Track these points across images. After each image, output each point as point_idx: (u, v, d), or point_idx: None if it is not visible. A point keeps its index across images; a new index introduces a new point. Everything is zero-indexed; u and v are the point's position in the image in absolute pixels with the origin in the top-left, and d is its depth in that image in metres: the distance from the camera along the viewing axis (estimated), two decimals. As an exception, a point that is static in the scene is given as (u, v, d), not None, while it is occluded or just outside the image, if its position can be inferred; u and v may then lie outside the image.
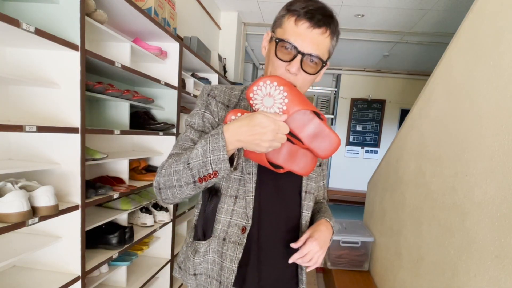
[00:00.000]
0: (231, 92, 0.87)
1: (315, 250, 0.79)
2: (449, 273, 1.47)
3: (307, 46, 0.73)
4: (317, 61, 0.75)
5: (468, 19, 1.58)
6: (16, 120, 1.20)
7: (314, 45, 0.73)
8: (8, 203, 0.98)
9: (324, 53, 0.76)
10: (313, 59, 0.74)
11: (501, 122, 1.22)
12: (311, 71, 0.75)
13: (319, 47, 0.74)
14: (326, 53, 0.77)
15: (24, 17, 1.17)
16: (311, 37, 0.73)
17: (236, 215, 0.82)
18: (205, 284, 0.87)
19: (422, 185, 1.88)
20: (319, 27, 0.72)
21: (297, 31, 0.73)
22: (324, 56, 0.76)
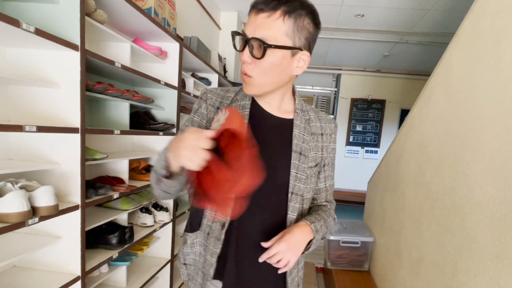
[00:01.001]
0: (224, 94, 0.90)
1: (283, 251, 0.77)
2: (449, 273, 1.47)
3: (253, 31, 0.72)
4: (262, 44, 0.72)
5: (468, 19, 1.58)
6: (16, 120, 1.20)
7: (259, 29, 0.71)
8: (8, 203, 0.98)
9: (275, 36, 0.72)
10: (259, 43, 0.72)
11: (501, 122, 1.22)
12: (258, 55, 0.73)
13: (266, 30, 0.71)
14: (282, 36, 0.72)
15: (24, 17, 1.17)
16: (256, 21, 0.72)
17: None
18: (193, 274, 0.93)
19: (422, 185, 1.88)
20: (265, 11, 0.71)
21: (248, 21, 0.75)
22: (276, 39, 0.72)
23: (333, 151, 0.95)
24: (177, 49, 2.03)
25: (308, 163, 0.87)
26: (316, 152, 0.89)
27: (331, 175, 0.97)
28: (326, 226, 0.89)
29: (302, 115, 0.89)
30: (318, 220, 0.86)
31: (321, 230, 0.86)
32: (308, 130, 0.88)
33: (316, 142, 0.89)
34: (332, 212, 0.97)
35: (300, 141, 0.86)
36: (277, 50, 0.73)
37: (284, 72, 0.78)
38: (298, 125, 0.87)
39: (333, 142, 0.94)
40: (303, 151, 0.86)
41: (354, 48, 4.71)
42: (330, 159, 0.94)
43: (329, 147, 0.93)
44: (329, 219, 0.92)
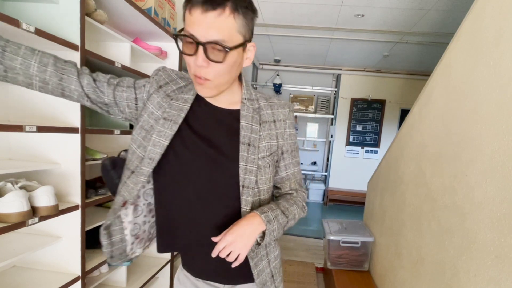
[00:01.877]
0: (175, 79, 0.87)
1: (231, 244, 0.75)
2: (449, 273, 1.47)
3: (205, 33, 0.67)
4: (220, 48, 0.68)
5: (468, 19, 1.58)
6: (16, 120, 1.20)
7: (212, 30, 0.67)
8: (8, 203, 0.98)
9: (229, 35, 0.68)
10: (216, 46, 0.68)
11: (501, 122, 1.22)
12: (219, 59, 0.69)
13: (220, 30, 0.67)
14: (235, 34, 0.69)
15: (24, 17, 1.17)
16: (207, 22, 0.66)
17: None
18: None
19: (422, 185, 1.88)
20: (213, 8, 0.66)
21: (192, 20, 0.68)
22: (231, 39, 0.69)
23: (291, 137, 0.90)
24: (177, 49, 2.03)
25: (260, 154, 0.83)
26: (269, 141, 0.85)
27: (293, 162, 0.92)
28: (286, 215, 0.85)
29: (250, 104, 0.85)
30: (272, 210, 0.82)
31: (278, 219, 0.82)
32: (257, 119, 0.84)
33: (269, 130, 0.85)
34: (299, 200, 0.92)
35: (248, 131, 0.82)
36: (234, 50, 0.70)
37: (238, 68, 0.78)
38: (245, 115, 0.83)
39: (289, 128, 0.89)
40: (252, 141, 0.82)
41: (354, 48, 4.71)
42: (288, 146, 0.89)
43: (284, 134, 0.88)
44: (292, 207, 0.88)
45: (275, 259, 0.93)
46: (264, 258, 0.90)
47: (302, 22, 3.78)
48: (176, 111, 0.81)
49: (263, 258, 0.89)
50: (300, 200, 0.92)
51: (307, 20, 3.72)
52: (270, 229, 0.80)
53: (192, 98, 0.83)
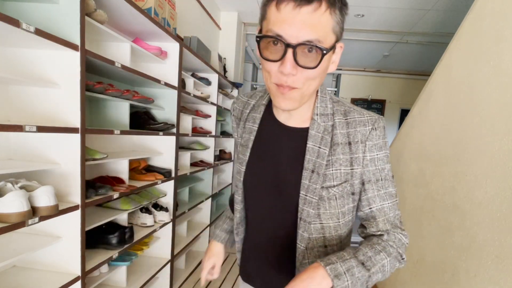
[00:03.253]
0: (247, 101, 0.83)
1: None
2: (449, 273, 1.47)
3: (297, 32, 0.55)
4: (316, 49, 0.56)
5: (468, 19, 1.58)
6: (16, 120, 1.20)
7: (306, 29, 0.55)
8: (8, 203, 0.98)
9: (325, 34, 0.57)
10: (311, 48, 0.56)
11: (501, 122, 1.22)
12: (312, 64, 0.57)
13: (315, 28, 0.55)
14: (330, 33, 0.58)
15: (24, 17, 1.17)
16: (300, 19, 0.55)
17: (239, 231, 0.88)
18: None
19: (422, 185, 1.88)
20: (309, 2, 0.54)
21: (281, 17, 0.56)
22: (326, 38, 0.57)
23: (374, 163, 0.69)
24: (177, 49, 2.03)
25: (325, 183, 0.69)
26: (340, 168, 0.69)
27: (379, 194, 0.70)
28: (367, 267, 0.64)
29: (322, 121, 0.70)
30: (343, 260, 0.64)
31: (353, 273, 0.63)
32: (327, 140, 0.69)
33: (341, 155, 0.69)
34: (390, 245, 0.69)
35: (314, 155, 0.69)
36: (329, 53, 0.59)
37: (326, 74, 0.64)
38: (313, 136, 0.70)
39: (369, 151, 0.68)
40: (316, 168, 0.69)
41: (354, 48, 4.71)
42: (371, 174, 0.70)
43: (364, 159, 0.69)
44: (379, 256, 0.66)
45: None
46: None
47: (302, 22, 3.78)
48: (248, 135, 0.78)
49: None
50: (392, 246, 0.69)
51: (307, 20, 3.72)
52: (340, 286, 0.62)
53: (259, 117, 0.77)
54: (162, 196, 2.12)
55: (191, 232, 2.73)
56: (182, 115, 2.43)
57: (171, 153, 2.11)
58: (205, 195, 2.99)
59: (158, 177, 1.93)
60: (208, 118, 2.96)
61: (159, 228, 1.97)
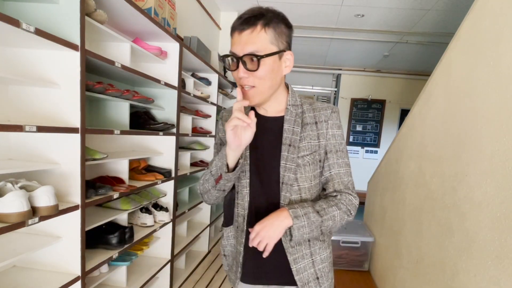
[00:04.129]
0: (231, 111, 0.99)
1: (259, 235, 0.83)
2: (449, 273, 1.47)
3: (242, 48, 0.81)
4: (254, 57, 0.80)
5: (468, 19, 1.58)
6: (16, 120, 1.20)
7: (247, 45, 0.80)
8: (8, 203, 0.98)
9: (263, 46, 0.81)
10: (251, 57, 0.81)
11: (501, 122, 1.22)
12: (255, 68, 0.82)
13: (254, 44, 0.80)
14: (268, 45, 0.82)
15: (24, 17, 1.17)
16: (242, 40, 0.81)
17: (240, 207, 0.96)
18: (231, 264, 1.04)
19: (422, 185, 1.88)
20: (247, 28, 0.80)
21: (233, 41, 0.84)
22: (264, 49, 0.81)
23: (334, 137, 0.92)
24: (177, 49, 2.03)
25: (299, 153, 0.90)
26: (310, 141, 0.91)
27: (337, 162, 0.92)
28: (321, 214, 0.86)
29: (293, 109, 0.93)
30: (303, 207, 0.86)
31: (309, 217, 0.84)
32: (299, 122, 0.91)
33: (310, 131, 0.91)
34: (342, 202, 0.90)
35: (290, 133, 0.91)
36: (267, 58, 0.82)
37: (277, 75, 0.87)
38: (288, 120, 0.92)
39: (331, 128, 0.91)
40: (292, 142, 0.90)
41: (354, 48, 4.71)
42: (331, 146, 0.91)
43: (327, 134, 0.91)
44: (331, 208, 0.88)
45: (321, 261, 0.95)
46: (307, 257, 0.93)
47: (302, 22, 3.78)
48: None
49: (305, 257, 0.93)
50: (343, 203, 0.90)
51: (307, 20, 3.72)
52: (298, 224, 0.84)
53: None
54: (162, 196, 2.12)
55: (191, 232, 2.73)
56: (182, 115, 2.43)
57: (171, 153, 2.11)
58: (205, 195, 2.98)
59: (158, 177, 1.93)
60: (208, 118, 2.96)
61: (159, 228, 1.97)
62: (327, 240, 0.98)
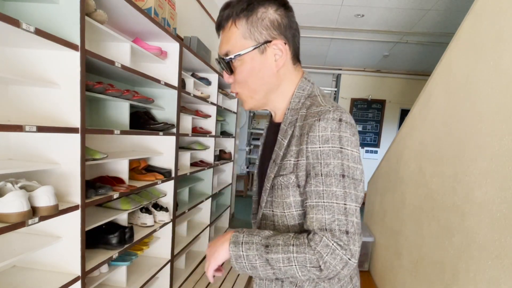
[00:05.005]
0: None
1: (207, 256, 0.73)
2: (449, 273, 1.47)
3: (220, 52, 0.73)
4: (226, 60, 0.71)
5: (468, 19, 1.58)
6: (16, 120, 1.20)
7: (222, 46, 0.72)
8: (8, 203, 0.98)
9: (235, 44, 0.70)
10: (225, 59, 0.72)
11: (501, 122, 1.22)
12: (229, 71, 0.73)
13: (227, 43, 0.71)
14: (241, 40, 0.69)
15: (24, 17, 1.17)
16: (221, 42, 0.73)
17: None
18: None
19: (422, 185, 1.88)
20: (222, 27, 0.72)
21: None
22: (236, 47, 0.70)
23: (316, 156, 0.64)
24: (177, 49, 2.03)
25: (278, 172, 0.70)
26: (290, 159, 0.69)
27: (317, 190, 0.64)
28: (267, 251, 0.64)
29: (291, 115, 0.73)
30: (250, 235, 0.67)
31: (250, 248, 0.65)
32: (288, 133, 0.71)
33: (294, 146, 0.69)
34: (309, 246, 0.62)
35: (278, 146, 0.73)
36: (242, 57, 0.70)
37: (263, 72, 0.71)
38: (281, 129, 0.73)
39: (312, 143, 0.64)
40: (275, 158, 0.72)
41: (354, 48, 4.71)
42: (311, 167, 0.65)
43: (307, 151, 0.65)
44: (287, 248, 0.63)
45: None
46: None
47: (302, 22, 3.78)
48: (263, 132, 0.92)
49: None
50: (312, 247, 0.62)
51: (307, 20, 3.72)
52: (235, 253, 0.66)
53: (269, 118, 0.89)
54: (162, 196, 2.12)
55: (191, 232, 2.73)
56: (182, 115, 2.43)
57: (171, 153, 2.11)
58: (205, 195, 2.99)
59: (158, 177, 1.93)
60: (208, 118, 2.96)
61: (159, 228, 1.97)
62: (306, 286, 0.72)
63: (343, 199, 0.63)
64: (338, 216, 0.62)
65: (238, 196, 5.81)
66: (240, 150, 5.84)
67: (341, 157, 0.63)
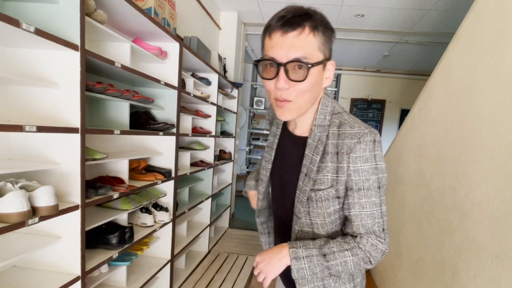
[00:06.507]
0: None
1: (259, 266, 0.80)
2: (449, 273, 1.47)
3: (286, 53, 0.68)
4: (303, 65, 0.68)
5: (468, 19, 1.58)
6: (16, 120, 1.20)
7: (293, 49, 0.67)
8: (8, 203, 0.98)
9: (311, 51, 0.68)
10: (299, 64, 0.68)
11: (501, 122, 1.22)
12: (300, 78, 0.69)
13: (301, 48, 0.68)
14: (316, 51, 0.69)
15: (24, 17, 1.17)
16: (287, 42, 0.67)
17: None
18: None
19: (422, 185, 1.88)
20: (293, 28, 0.67)
21: (272, 43, 0.69)
22: (312, 56, 0.69)
23: (358, 173, 0.75)
24: (177, 49, 2.03)
25: (314, 186, 0.78)
26: (327, 174, 0.77)
27: (359, 202, 0.76)
28: (327, 259, 0.75)
29: (318, 131, 0.79)
30: (307, 248, 0.77)
31: (311, 260, 0.76)
32: (319, 149, 0.78)
33: (330, 163, 0.77)
34: (359, 247, 0.76)
35: (308, 161, 0.79)
36: (314, 68, 0.69)
37: (319, 87, 0.75)
38: (310, 144, 0.80)
39: (353, 162, 0.74)
40: (308, 172, 0.79)
41: (354, 48, 4.71)
42: (353, 183, 0.75)
43: (348, 169, 0.75)
44: (343, 253, 0.76)
45: None
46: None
47: (302, 22, 3.78)
48: (272, 137, 0.94)
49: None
50: (361, 248, 0.76)
51: (307, 20, 3.72)
52: (297, 266, 0.76)
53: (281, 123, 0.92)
54: (162, 196, 2.12)
55: (191, 232, 2.73)
56: (182, 115, 2.43)
57: (171, 153, 2.11)
58: (205, 195, 2.99)
59: (158, 177, 1.93)
60: (208, 118, 2.96)
61: (159, 228, 1.97)
62: (344, 276, 0.86)
63: (379, 205, 0.77)
64: (377, 220, 0.77)
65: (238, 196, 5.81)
66: (240, 150, 5.84)
67: (377, 172, 0.75)
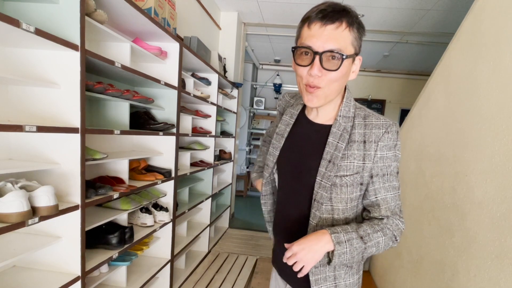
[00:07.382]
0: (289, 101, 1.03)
1: (297, 255, 0.78)
2: (449, 273, 1.47)
3: (323, 43, 0.73)
4: (337, 56, 0.74)
5: (468, 19, 1.58)
6: (16, 120, 1.20)
7: (330, 41, 0.73)
8: (8, 203, 0.98)
9: (345, 46, 0.75)
10: (333, 55, 0.74)
11: (501, 122, 1.22)
12: (333, 67, 0.75)
13: (337, 41, 0.74)
14: (349, 46, 0.76)
15: (24, 17, 1.17)
16: (325, 34, 0.73)
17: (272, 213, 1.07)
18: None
19: (422, 185, 1.88)
20: (332, 22, 0.73)
21: (311, 33, 0.75)
22: (346, 49, 0.75)
23: (383, 160, 0.82)
24: (177, 49, 2.03)
25: (338, 172, 0.82)
26: (353, 161, 0.82)
27: (385, 187, 0.84)
28: (365, 241, 0.80)
29: (343, 121, 0.84)
30: (346, 232, 0.79)
31: (351, 243, 0.79)
32: (345, 137, 0.83)
33: (356, 150, 0.82)
34: (388, 227, 0.83)
35: (332, 148, 0.83)
36: (346, 60, 0.75)
37: (346, 79, 0.81)
38: (334, 132, 0.84)
39: (381, 150, 0.82)
40: (333, 159, 0.83)
41: (354, 48, 4.70)
42: (378, 169, 0.83)
43: (375, 156, 0.82)
44: (377, 234, 0.81)
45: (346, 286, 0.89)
46: (329, 279, 0.88)
47: (302, 22, 3.78)
48: (284, 126, 0.96)
49: (328, 279, 0.88)
50: (389, 228, 0.83)
51: (307, 20, 3.72)
52: (340, 251, 0.78)
53: (296, 114, 0.95)
54: (162, 196, 2.12)
55: (191, 232, 2.73)
56: (182, 115, 2.43)
57: (171, 153, 2.11)
58: (205, 195, 2.99)
59: (158, 177, 1.93)
60: (208, 118, 2.96)
61: (159, 228, 1.97)
62: (355, 266, 0.91)
63: (398, 188, 0.87)
64: (398, 202, 0.87)
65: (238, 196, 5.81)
66: (240, 150, 5.84)
67: (396, 159, 0.85)
